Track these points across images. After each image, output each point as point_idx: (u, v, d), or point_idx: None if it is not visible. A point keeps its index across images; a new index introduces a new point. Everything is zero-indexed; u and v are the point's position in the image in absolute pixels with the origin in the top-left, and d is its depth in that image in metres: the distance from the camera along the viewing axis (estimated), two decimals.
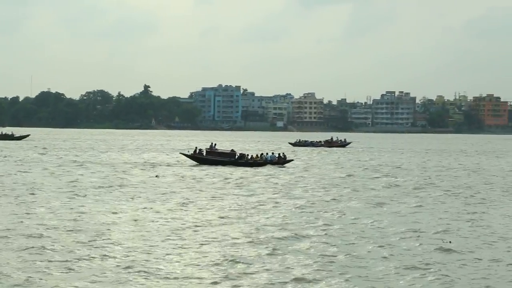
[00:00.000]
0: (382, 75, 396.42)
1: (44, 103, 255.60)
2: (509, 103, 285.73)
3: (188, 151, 60.66)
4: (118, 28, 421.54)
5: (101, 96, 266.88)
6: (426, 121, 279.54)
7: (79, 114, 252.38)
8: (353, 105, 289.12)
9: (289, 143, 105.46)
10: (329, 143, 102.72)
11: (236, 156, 54.30)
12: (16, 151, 71.50)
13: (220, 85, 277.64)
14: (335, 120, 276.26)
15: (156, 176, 41.96)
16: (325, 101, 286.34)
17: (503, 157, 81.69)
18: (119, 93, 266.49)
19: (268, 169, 50.41)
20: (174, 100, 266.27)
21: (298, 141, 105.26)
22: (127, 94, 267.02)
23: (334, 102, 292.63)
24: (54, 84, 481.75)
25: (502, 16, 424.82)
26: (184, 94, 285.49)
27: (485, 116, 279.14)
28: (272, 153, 57.37)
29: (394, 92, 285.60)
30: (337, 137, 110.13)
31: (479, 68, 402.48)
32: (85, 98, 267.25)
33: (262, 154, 56.71)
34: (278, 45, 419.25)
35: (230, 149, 59.29)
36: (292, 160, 57.34)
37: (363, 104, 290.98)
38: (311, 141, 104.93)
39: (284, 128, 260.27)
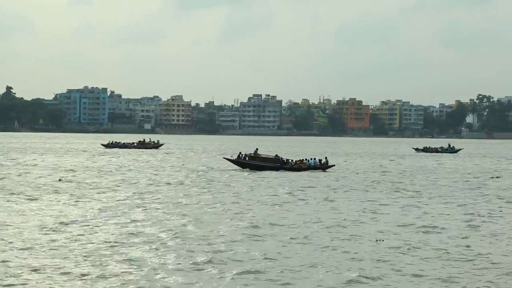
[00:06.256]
0: (253, 79, 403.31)
1: None
2: (370, 106, 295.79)
3: (232, 156, 59.97)
4: None
5: None
6: (292, 124, 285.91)
7: None
8: (221, 108, 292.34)
9: (102, 144, 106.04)
10: (142, 144, 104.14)
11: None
12: None
13: (86, 87, 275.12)
14: (203, 123, 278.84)
15: (59, 180, 42.16)
16: (193, 104, 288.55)
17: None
18: None
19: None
20: (38, 102, 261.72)
21: (111, 142, 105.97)
22: None
23: (203, 105, 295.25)
24: None
25: (371, 23, 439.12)
26: (51, 95, 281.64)
27: (348, 119, 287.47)
28: (315, 159, 57.93)
29: (261, 96, 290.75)
30: (149, 138, 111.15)
31: (344, 72, 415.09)
32: None
33: (305, 159, 57.60)
34: (152, 47, 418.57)
35: (274, 154, 60.30)
36: (334, 165, 57.85)
37: (231, 107, 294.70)
38: (124, 143, 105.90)
39: (152, 131, 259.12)
